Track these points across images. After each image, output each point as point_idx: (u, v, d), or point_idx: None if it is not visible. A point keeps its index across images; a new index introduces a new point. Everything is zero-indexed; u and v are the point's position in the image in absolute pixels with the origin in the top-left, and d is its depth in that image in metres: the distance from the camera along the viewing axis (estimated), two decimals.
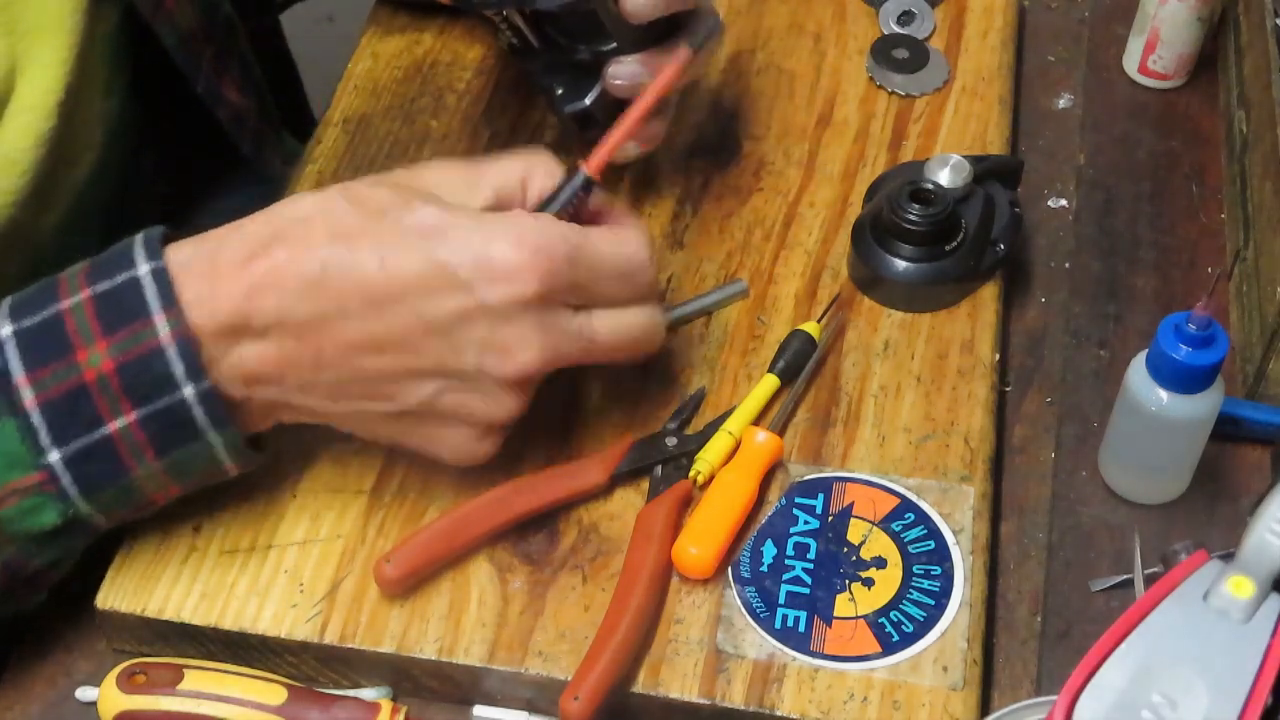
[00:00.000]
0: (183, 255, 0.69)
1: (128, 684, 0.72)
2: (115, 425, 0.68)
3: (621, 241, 0.72)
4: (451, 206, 0.70)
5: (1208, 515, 0.81)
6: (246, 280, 0.68)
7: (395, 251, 0.68)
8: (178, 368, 0.67)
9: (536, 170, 0.73)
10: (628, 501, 0.78)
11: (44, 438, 0.68)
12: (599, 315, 0.72)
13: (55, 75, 0.83)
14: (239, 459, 0.72)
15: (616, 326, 0.73)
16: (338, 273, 0.68)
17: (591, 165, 0.73)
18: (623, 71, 0.82)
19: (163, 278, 0.68)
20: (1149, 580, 0.77)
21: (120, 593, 0.75)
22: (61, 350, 0.68)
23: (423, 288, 0.68)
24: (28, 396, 0.68)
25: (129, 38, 0.91)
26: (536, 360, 0.70)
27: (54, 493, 0.69)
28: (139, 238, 0.70)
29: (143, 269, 0.68)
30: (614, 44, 0.81)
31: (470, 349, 0.69)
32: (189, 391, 0.68)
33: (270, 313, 0.68)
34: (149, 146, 0.99)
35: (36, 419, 0.68)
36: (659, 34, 0.82)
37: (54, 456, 0.68)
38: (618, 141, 0.74)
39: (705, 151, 0.95)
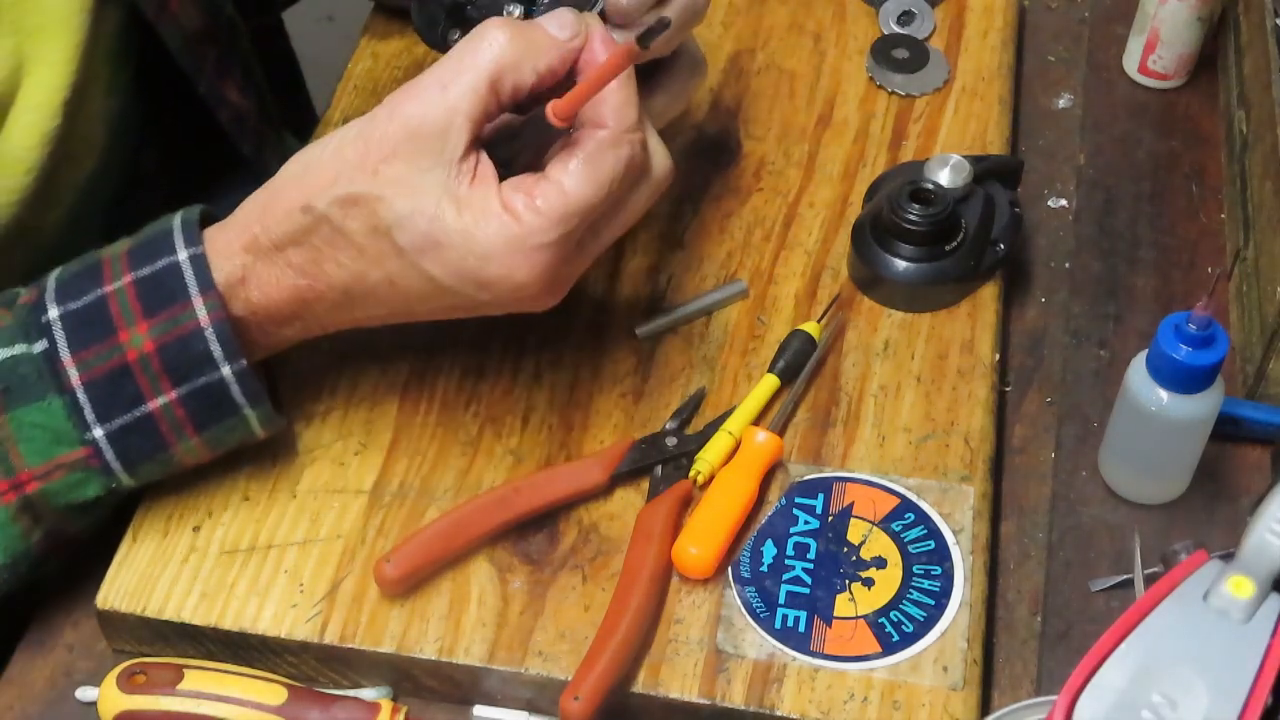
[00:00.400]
0: (237, 252, 0.72)
1: (128, 684, 0.72)
2: (156, 403, 0.72)
3: (594, 165, 0.68)
4: (430, 212, 0.68)
5: (1208, 515, 0.81)
6: (285, 290, 0.72)
7: (399, 271, 0.70)
8: (216, 349, 0.71)
9: (502, 74, 0.69)
10: (628, 501, 0.78)
11: (89, 414, 0.71)
12: (600, 230, 0.71)
13: (60, 74, 0.83)
14: (270, 426, 0.76)
15: (622, 219, 0.72)
16: (360, 292, 0.71)
17: (558, 113, 0.68)
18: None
19: (200, 262, 0.71)
20: (1149, 580, 0.77)
21: (120, 593, 0.75)
22: (105, 331, 0.71)
23: (434, 291, 0.70)
24: (74, 375, 0.71)
25: (132, 37, 0.91)
26: (557, 299, 0.72)
27: (98, 467, 0.72)
28: (177, 222, 0.73)
29: (182, 254, 0.71)
30: None
31: (486, 308, 0.72)
32: (227, 371, 0.72)
33: (301, 317, 0.73)
34: (151, 145, 0.99)
35: (82, 397, 0.71)
36: (644, 71, 0.79)
37: (98, 432, 0.72)
38: (591, 90, 0.68)
39: (705, 151, 0.95)
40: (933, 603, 0.74)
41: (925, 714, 0.71)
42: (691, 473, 0.79)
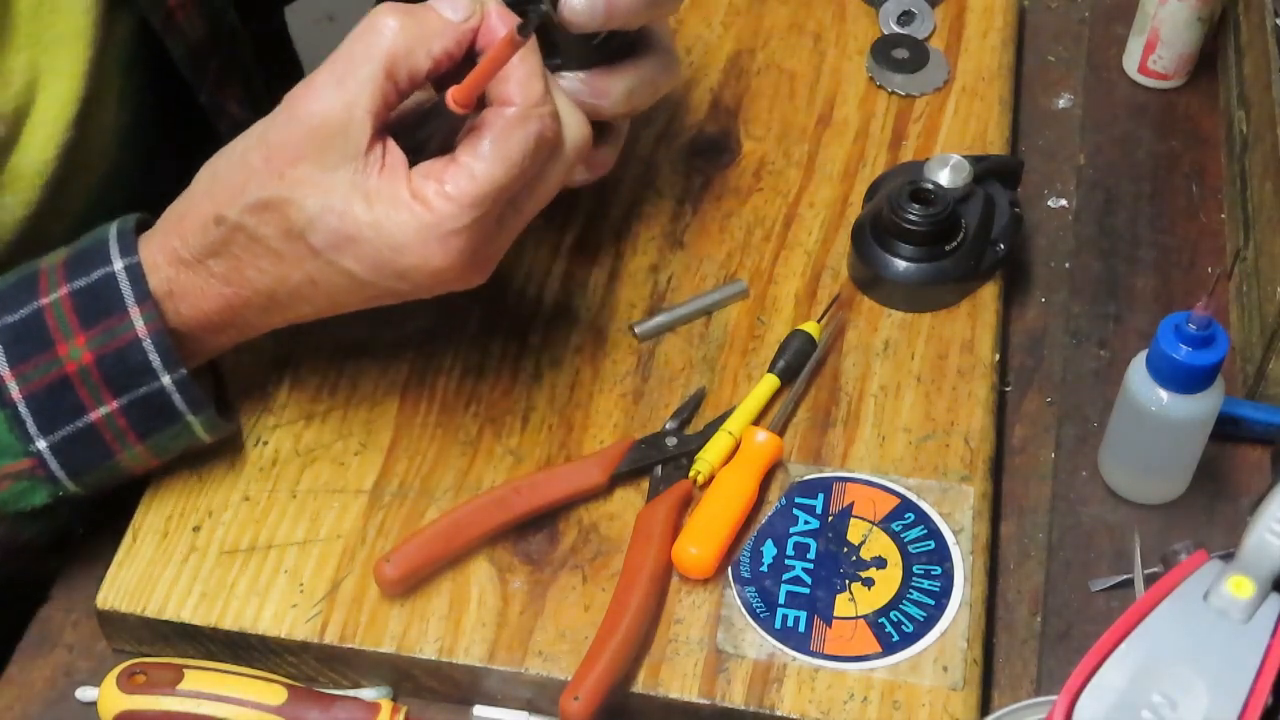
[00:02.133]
0: (163, 264, 0.72)
1: (128, 684, 0.72)
2: (98, 413, 0.72)
3: (502, 144, 0.68)
4: (339, 208, 0.68)
5: (1208, 515, 0.81)
6: (212, 300, 0.72)
7: (318, 270, 0.70)
8: (155, 359, 0.71)
9: (397, 62, 0.68)
10: (628, 501, 0.78)
11: (31, 427, 0.72)
12: (519, 206, 0.71)
13: (75, 86, 0.84)
14: (215, 432, 0.76)
15: (538, 194, 0.71)
16: (285, 294, 0.72)
17: (457, 100, 0.68)
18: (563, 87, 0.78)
19: (136, 272, 0.71)
20: (1149, 580, 0.77)
21: (120, 593, 0.75)
22: (43, 344, 0.71)
23: (355, 287, 0.70)
24: (14, 389, 0.71)
25: (142, 46, 0.91)
26: (484, 277, 0.71)
27: (43, 476, 0.73)
28: (113, 231, 0.73)
29: (118, 264, 0.71)
30: (558, 60, 0.77)
31: (402, 294, 0.72)
32: (167, 380, 0.72)
33: (233, 324, 0.73)
34: (161, 154, 0.99)
35: (24, 410, 0.71)
36: (610, 56, 0.79)
37: (42, 444, 0.72)
38: (486, 74, 0.68)
39: (705, 151, 0.95)
40: (933, 603, 0.74)
41: (925, 714, 0.71)
42: (691, 473, 0.79)
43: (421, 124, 0.71)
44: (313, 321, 0.81)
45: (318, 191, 0.68)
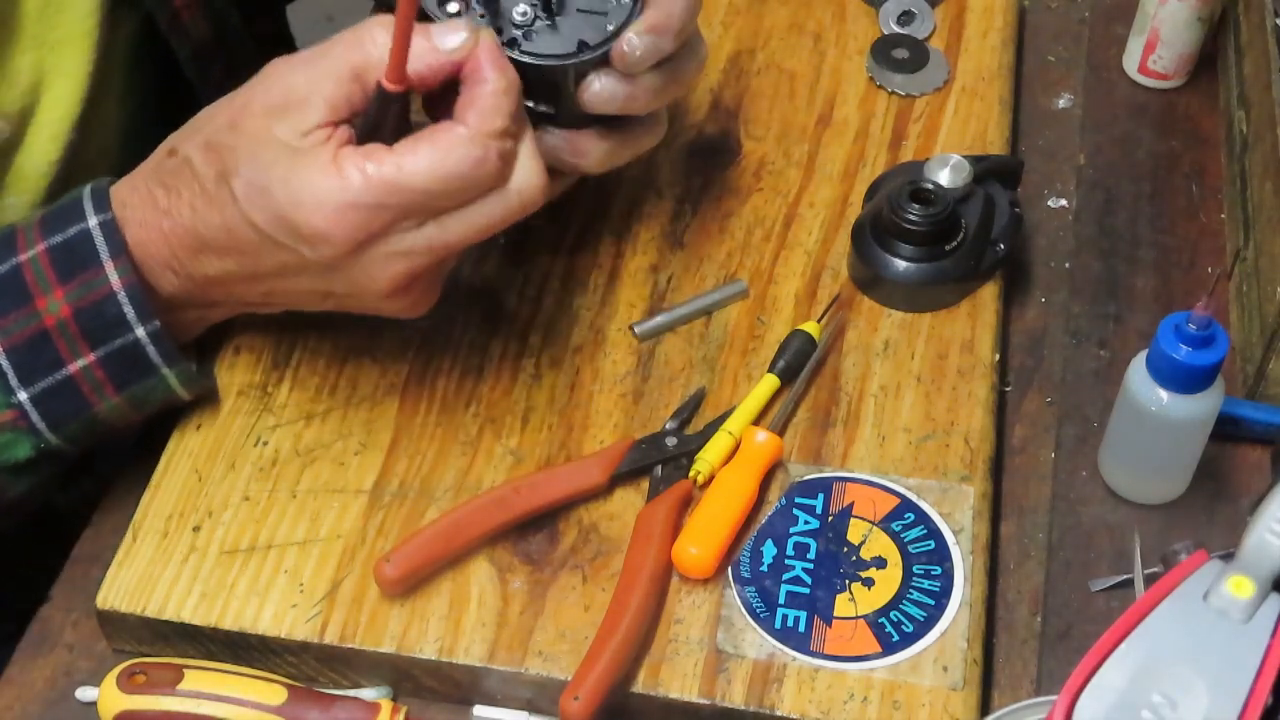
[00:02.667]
0: (122, 203, 0.74)
1: (128, 684, 0.72)
2: (76, 365, 0.74)
3: (440, 153, 0.68)
4: (264, 162, 0.69)
5: (1208, 515, 0.81)
6: (152, 230, 0.74)
7: (233, 218, 0.71)
8: (129, 311, 0.73)
9: (367, 69, 0.70)
10: (628, 501, 0.78)
11: (13, 379, 0.74)
12: (446, 221, 0.70)
13: (79, 87, 0.84)
14: (192, 386, 0.78)
15: (469, 222, 0.71)
16: (207, 237, 0.72)
17: (389, 78, 0.69)
18: (546, 141, 0.79)
19: (111, 227, 0.73)
20: (1149, 580, 0.77)
21: (120, 593, 0.75)
22: (22, 299, 0.73)
23: (261, 247, 0.71)
24: None
25: (145, 45, 0.91)
26: (391, 284, 0.71)
27: (25, 428, 0.75)
28: (87, 190, 0.75)
29: (92, 221, 0.73)
30: (554, 113, 0.78)
31: (325, 282, 0.73)
32: (141, 332, 0.74)
33: (180, 266, 0.74)
34: None
35: (4, 363, 0.73)
36: (605, 122, 0.79)
37: (23, 396, 0.74)
38: (402, 44, 0.68)
39: (705, 151, 0.95)
40: (933, 603, 0.74)
41: (925, 714, 0.71)
42: (691, 473, 0.79)
43: (374, 118, 0.71)
44: (313, 322, 0.81)
45: (255, 145, 0.70)
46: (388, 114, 0.70)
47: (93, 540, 0.81)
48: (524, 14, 0.75)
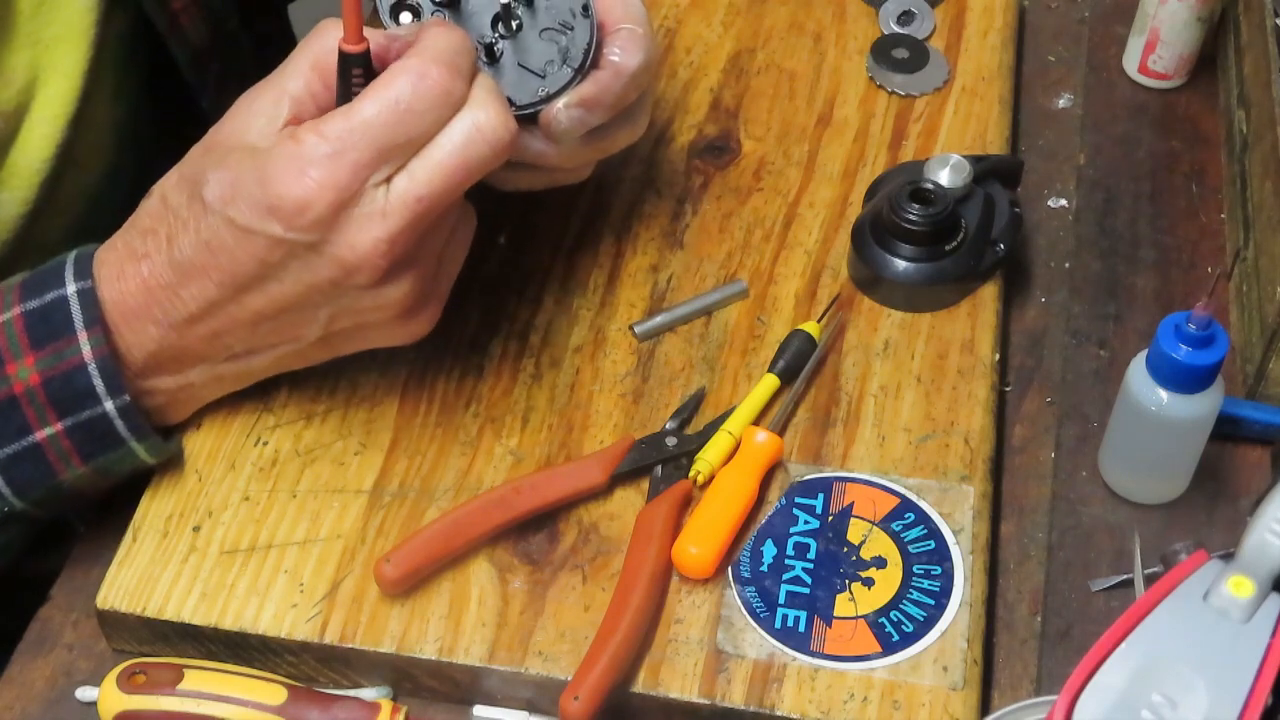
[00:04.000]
0: (101, 261, 0.73)
1: (128, 684, 0.72)
2: (43, 434, 0.73)
3: (383, 85, 0.69)
4: (231, 162, 0.69)
5: (1208, 515, 0.81)
6: (140, 292, 0.72)
7: (208, 227, 0.70)
8: (99, 383, 0.72)
9: (322, 57, 0.71)
10: (628, 501, 0.78)
11: None
12: (412, 169, 0.69)
13: (73, 85, 0.84)
14: (160, 456, 0.77)
15: (435, 164, 0.69)
16: (182, 264, 0.71)
17: (345, 41, 0.70)
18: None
19: (88, 296, 0.72)
20: (1149, 580, 0.77)
21: (120, 593, 0.75)
22: None
23: (240, 249, 0.70)
24: None
25: (139, 43, 0.91)
26: (374, 250, 0.69)
27: None
28: (71, 257, 0.74)
29: (71, 288, 0.72)
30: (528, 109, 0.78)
31: (311, 274, 0.71)
32: (110, 406, 0.72)
33: (159, 312, 0.73)
34: (157, 152, 0.99)
35: None
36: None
37: None
38: (354, 2, 0.69)
39: (705, 151, 0.95)
40: (933, 603, 0.74)
41: (925, 714, 0.71)
42: (691, 473, 0.79)
43: (340, 88, 0.71)
44: None
45: (224, 153, 0.70)
46: (349, 77, 0.70)
47: (93, 540, 0.81)
48: None
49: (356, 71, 0.70)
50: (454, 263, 0.76)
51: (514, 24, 0.76)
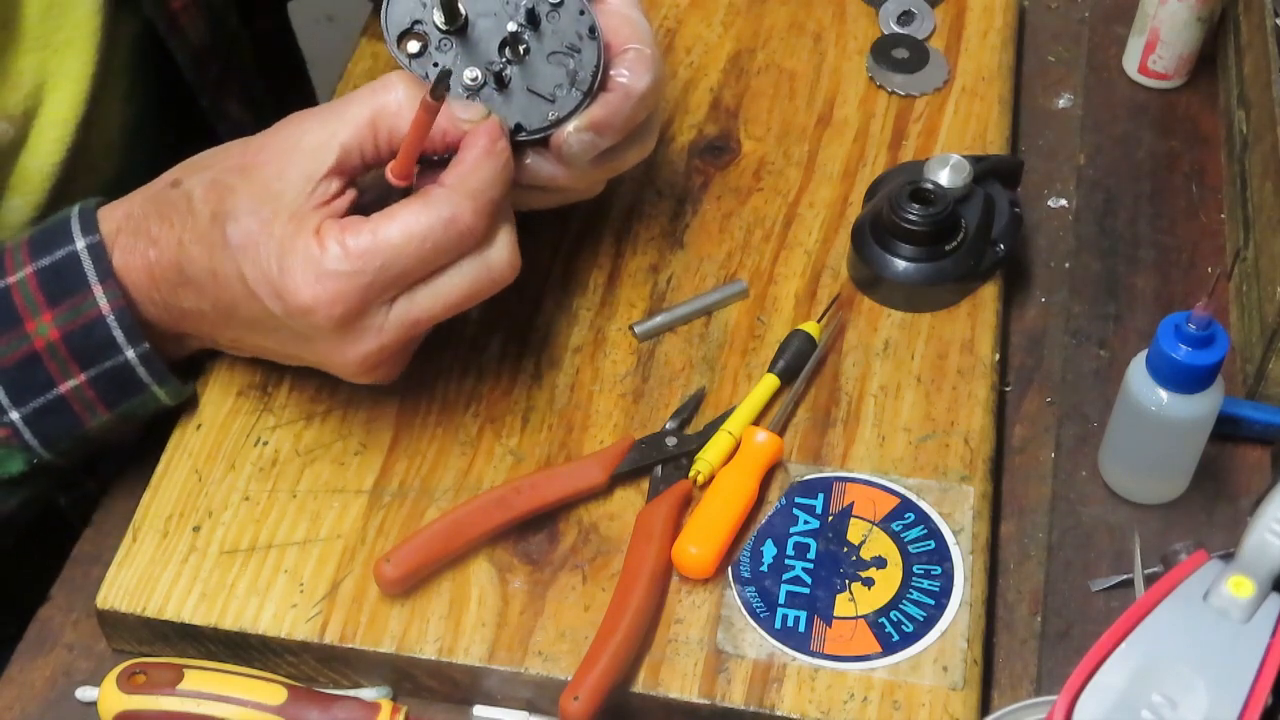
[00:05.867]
0: (113, 225, 0.75)
1: (128, 684, 0.72)
2: (67, 386, 0.74)
3: (414, 212, 0.71)
4: (264, 216, 0.71)
5: (1208, 515, 0.81)
6: (142, 270, 0.74)
7: (221, 263, 0.72)
8: (119, 334, 0.74)
9: (383, 115, 0.72)
10: (628, 501, 0.78)
11: (4, 399, 0.74)
12: (415, 296, 0.72)
13: (81, 89, 0.84)
14: (179, 397, 0.79)
15: (437, 294, 0.72)
16: (191, 274, 0.73)
17: (394, 172, 0.72)
18: (527, 163, 0.80)
19: (98, 250, 0.73)
20: (1149, 580, 0.77)
21: (120, 593, 0.75)
22: (12, 322, 0.74)
23: (243, 299, 0.72)
24: None
25: (148, 47, 0.91)
26: (360, 362, 0.73)
27: (18, 445, 0.75)
28: (75, 211, 0.75)
29: (80, 243, 0.74)
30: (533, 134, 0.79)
31: (297, 349, 0.75)
32: (131, 354, 0.74)
33: (160, 296, 0.75)
34: (166, 155, 0.99)
35: None
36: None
37: (15, 415, 0.75)
38: (414, 147, 0.72)
39: (705, 151, 0.95)
40: (933, 603, 0.74)
41: (925, 714, 0.71)
42: (691, 473, 0.79)
43: (376, 194, 0.73)
44: None
45: (257, 193, 0.71)
46: (389, 202, 0.72)
47: (93, 540, 0.81)
48: (474, 79, 0.76)
49: (393, 196, 0.73)
50: (430, 327, 0.76)
51: (522, 49, 0.76)
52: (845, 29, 1.03)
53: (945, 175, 0.87)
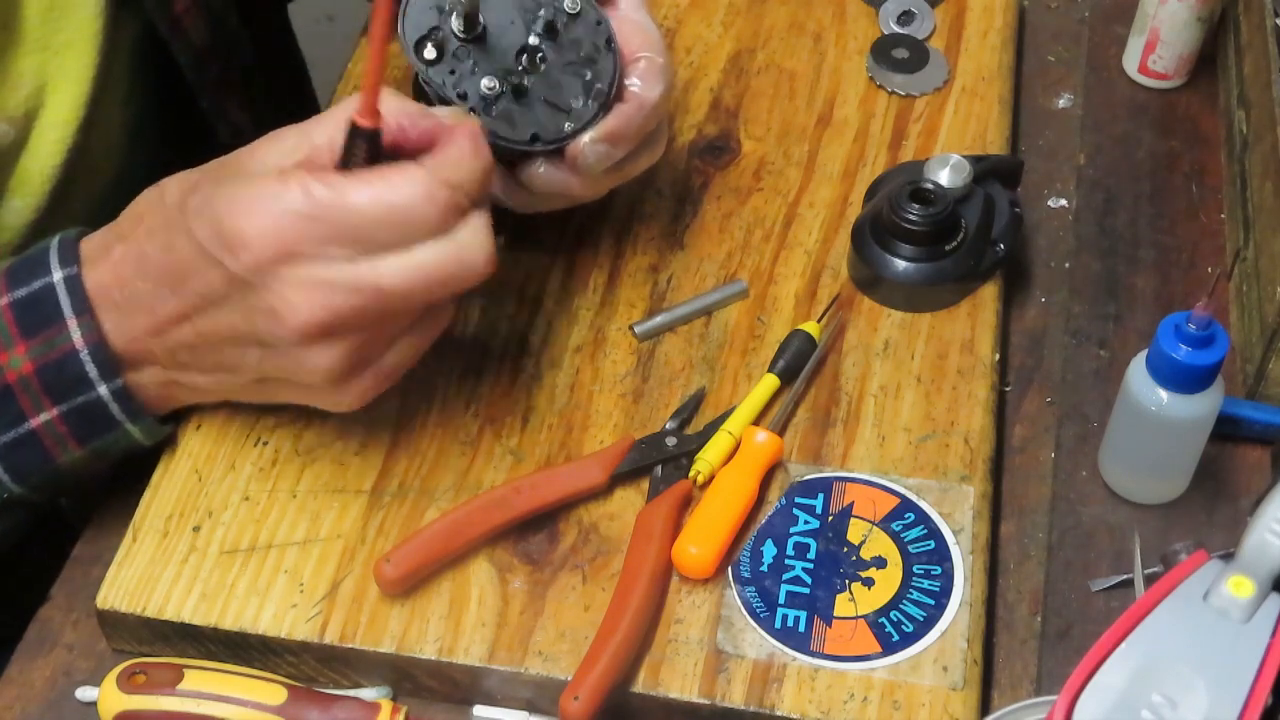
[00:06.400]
0: (91, 249, 0.73)
1: (128, 684, 0.72)
2: (39, 420, 0.73)
3: (387, 188, 0.68)
4: (227, 176, 0.69)
5: (1208, 515, 0.81)
6: (109, 268, 0.72)
7: (175, 232, 0.70)
8: (92, 369, 0.72)
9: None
10: (628, 501, 0.78)
11: None
12: (384, 260, 0.68)
13: (82, 90, 0.84)
14: (154, 437, 0.77)
15: (404, 266, 0.68)
16: (151, 260, 0.71)
17: (359, 114, 0.69)
18: (538, 171, 0.80)
19: (74, 283, 0.72)
20: (1149, 580, 0.77)
21: (120, 593, 0.75)
22: None
23: (192, 265, 0.70)
24: None
25: (149, 48, 0.92)
26: (309, 317, 0.68)
27: None
28: (54, 242, 0.74)
29: (57, 275, 0.72)
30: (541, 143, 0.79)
31: (245, 314, 0.69)
32: (104, 390, 0.73)
33: (119, 296, 0.72)
34: (166, 156, 0.99)
35: None
36: None
37: None
38: (373, 80, 0.69)
39: (705, 151, 0.95)
40: (933, 603, 0.74)
41: (925, 714, 0.71)
42: (691, 473, 0.79)
43: (342, 152, 0.71)
44: None
45: (226, 167, 0.71)
46: (355, 149, 0.69)
47: (93, 540, 0.81)
48: (491, 88, 0.77)
49: (361, 145, 0.69)
50: (408, 352, 0.74)
51: (539, 58, 0.77)
52: (845, 29, 1.03)
53: (945, 175, 0.87)
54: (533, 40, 0.77)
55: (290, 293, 0.68)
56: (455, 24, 0.76)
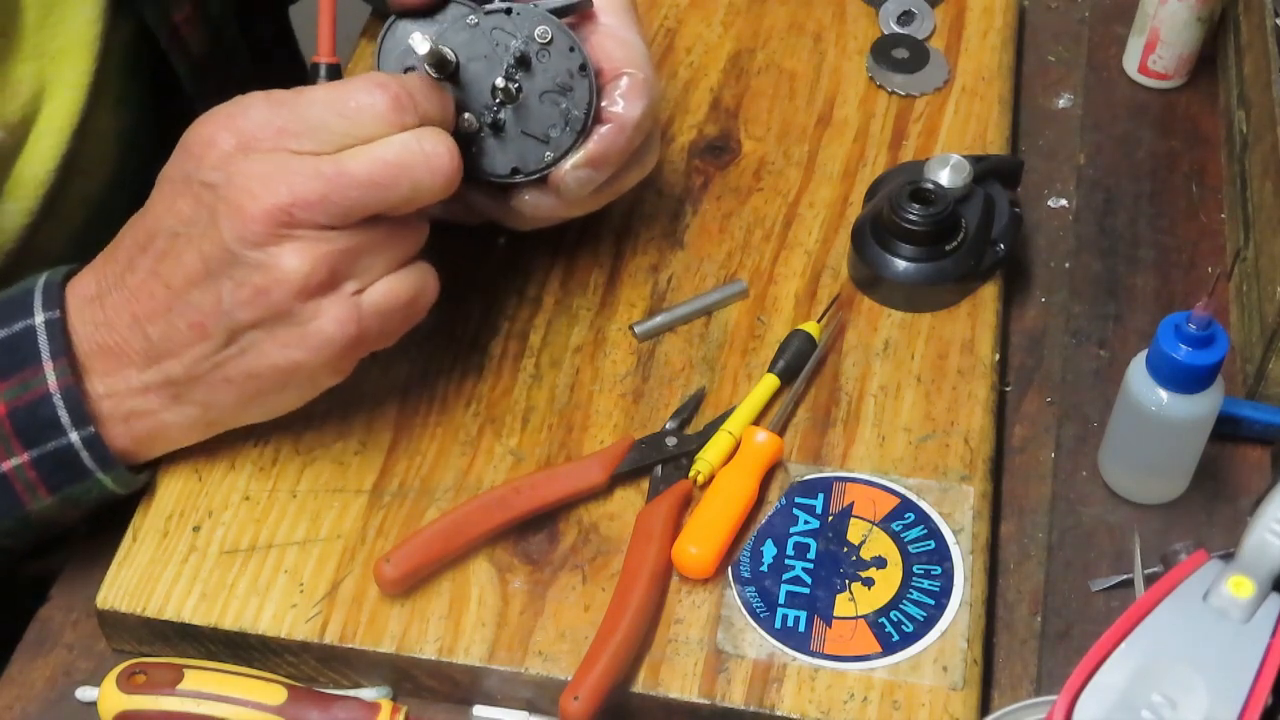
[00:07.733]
0: (81, 288, 0.72)
1: (128, 684, 0.72)
2: (9, 465, 0.72)
3: (342, 84, 0.70)
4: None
5: (1208, 515, 0.81)
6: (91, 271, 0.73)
7: (171, 204, 0.70)
8: (63, 415, 0.71)
9: None
10: (628, 501, 0.78)
11: None
12: (350, 151, 0.68)
13: (78, 96, 0.84)
14: (128, 487, 0.76)
15: (368, 154, 0.68)
16: (143, 232, 0.71)
17: (319, 55, 0.75)
18: (523, 198, 0.80)
19: (55, 327, 0.71)
20: (1149, 580, 0.77)
21: (120, 593, 0.75)
22: None
23: (162, 200, 0.71)
24: None
25: (142, 52, 0.91)
26: (273, 199, 0.67)
27: None
28: (40, 283, 0.73)
29: (39, 318, 0.71)
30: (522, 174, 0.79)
31: (214, 220, 0.68)
32: (75, 437, 0.72)
33: (102, 276, 0.72)
34: (160, 160, 0.99)
35: None
36: None
37: None
38: (328, 16, 0.73)
39: (705, 151, 0.95)
40: (933, 603, 0.74)
41: (925, 714, 0.71)
42: (691, 473, 0.79)
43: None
44: None
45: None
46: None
47: (93, 540, 0.81)
48: (469, 124, 0.77)
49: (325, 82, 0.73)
50: (388, 291, 0.72)
51: (514, 89, 0.76)
52: (845, 29, 1.03)
53: (945, 175, 0.87)
54: (506, 74, 0.77)
55: (253, 183, 0.67)
56: (428, 65, 0.76)
